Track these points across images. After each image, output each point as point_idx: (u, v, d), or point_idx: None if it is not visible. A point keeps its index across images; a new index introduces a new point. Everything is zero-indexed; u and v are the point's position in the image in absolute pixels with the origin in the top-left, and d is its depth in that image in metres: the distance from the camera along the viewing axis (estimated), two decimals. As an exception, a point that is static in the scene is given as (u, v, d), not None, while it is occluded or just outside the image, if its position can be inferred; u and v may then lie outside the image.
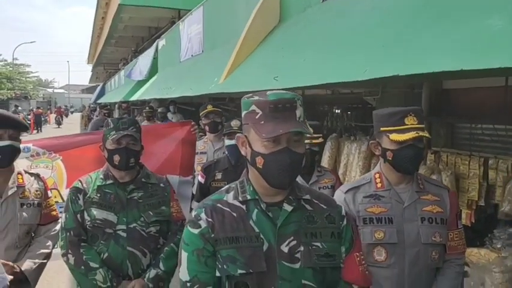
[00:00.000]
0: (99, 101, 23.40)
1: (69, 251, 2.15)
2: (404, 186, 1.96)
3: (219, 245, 1.35)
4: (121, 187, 2.25)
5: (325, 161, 4.68)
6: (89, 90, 55.42)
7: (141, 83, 11.12)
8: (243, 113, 1.37)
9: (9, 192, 2.30)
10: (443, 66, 1.38)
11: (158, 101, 8.63)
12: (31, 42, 65.86)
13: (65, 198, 2.40)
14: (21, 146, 2.46)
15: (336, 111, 6.70)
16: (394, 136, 1.85)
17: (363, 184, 2.02)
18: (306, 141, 2.67)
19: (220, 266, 1.34)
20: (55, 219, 2.47)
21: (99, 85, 31.29)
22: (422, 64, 1.52)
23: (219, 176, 3.05)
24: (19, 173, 2.37)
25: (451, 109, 3.63)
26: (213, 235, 1.36)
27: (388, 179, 1.97)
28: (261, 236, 1.35)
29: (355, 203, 1.96)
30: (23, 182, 2.36)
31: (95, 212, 2.18)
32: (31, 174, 2.44)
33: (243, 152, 1.40)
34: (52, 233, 2.42)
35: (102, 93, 25.16)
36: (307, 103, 3.04)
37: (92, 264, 2.12)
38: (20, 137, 2.32)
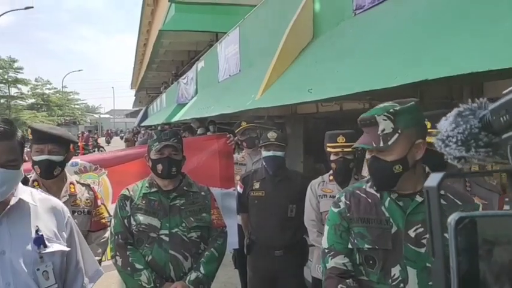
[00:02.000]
0: (142, 124, 24.15)
1: (117, 254, 2.29)
2: None
3: (353, 223, 1.67)
4: (164, 194, 2.38)
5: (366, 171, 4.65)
6: (133, 114, 57.25)
7: (181, 105, 11.44)
8: None
9: (62, 200, 2.44)
10: (470, 67, 1.41)
11: (198, 121, 8.84)
12: (79, 70, 69.24)
13: (112, 213, 2.54)
14: (70, 161, 2.63)
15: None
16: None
17: None
18: (338, 149, 2.73)
19: (352, 240, 1.66)
20: (104, 227, 2.60)
21: (142, 109, 32.30)
22: (449, 67, 1.54)
23: (256, 185, 3.14)
24: (71, 183, 2.52)
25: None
26: (348, 214, 1.69)
27: None
28: (391, 220, 1.60)
29: None
30: (74, 191, 2.50)
31: (140, 217, 2.31)
32: (82, 184, 2.59)
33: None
34: (102, 240, 2.55)
35: (145, 117, 25.95)
36: (345, 118, 3.07)
37: (137, 266, 2.25)
38: (67, 150, 2.44)
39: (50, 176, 2.41)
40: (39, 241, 1.53)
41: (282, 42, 3.89)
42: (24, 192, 1.59)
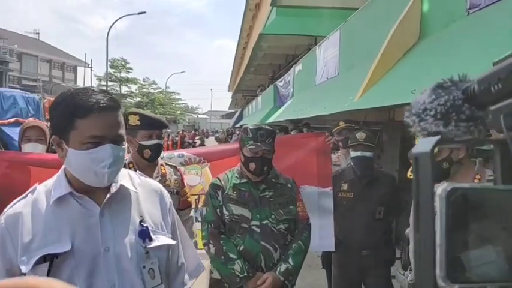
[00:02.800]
0: (237, 126, 24.87)
1: (210, 242, 2.37)
2: None
3: None
4: (254, 186, 2.44)
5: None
6: (228, 115, 59.21)
7: (276, 107, 11.60)
8: None
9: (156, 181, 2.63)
10: None
11: (293, 123, 8.90)
12: (181, 72, 72.95)
13: None
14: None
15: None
16: None
17: None
18: None
19: None
20: (189, 206, 2.78)
21: (237, 111, 33.29)
22: None
23: (344, 186, 3.12)
24: (161, 165, 2.68)
25: None
26: None
27: None
28: None
29: None
30: (165, 172, 2.66)
31: (232, 207, 2.38)
32: (170, 166, 2.74)
33: None
34: (186, 218, 2.68)
35: (240, 118, 26.70)
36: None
37: (231, 255, 2.31)
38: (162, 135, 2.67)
39: (156, 159, 2.60)
40: (145, 234, 1.33)
41: (385, 43, 3.78)
42: (123, 178, 1.37)
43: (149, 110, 44.95)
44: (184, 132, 34.05)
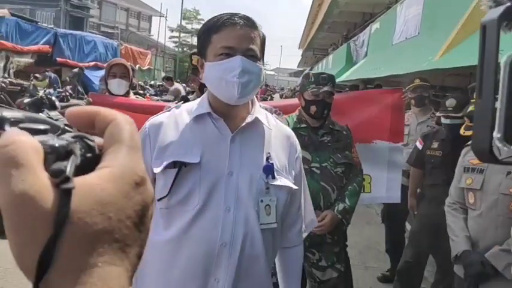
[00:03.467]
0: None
1: None
2: None
3: None
4: (313, 131, 2.53)
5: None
6: (296, 74, 58.53)
7: (348, 66, 11.37)
8: None
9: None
10: None
11: (364, 83, 8.72)
12: (252, 26, 72.13)
13: None
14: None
15: None
16: None
17: None
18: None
19: None
20: None
21: (306, 69, 32.87)
22: None
23: (435, 145, 3.14)
24: None
25: None
26: None
27: None
28: None
29: (466, 156, 2.39)
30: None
31: None
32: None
33: None
34: None
35: (308, 77, 26.35)
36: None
37: None
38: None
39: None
40: (269, 170, 1.34)
41: (473, 3, 3.59)
42: (260, 113, 1.40)
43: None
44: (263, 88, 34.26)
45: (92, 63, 14.51)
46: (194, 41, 44.84)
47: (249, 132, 1.36)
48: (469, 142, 2.31)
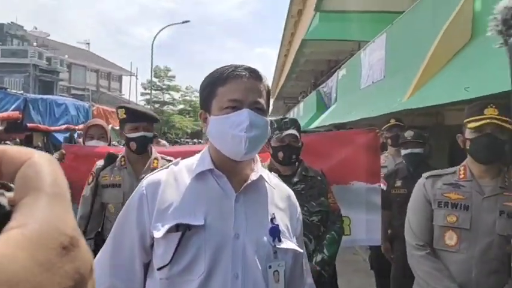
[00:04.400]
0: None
1: None
2: (488, 180, 1.93)
3: None
4: (285, 180, 2.47)
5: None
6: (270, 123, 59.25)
7: (319, 112, 11.60)
8: None
9: (144, 174, 2.62)
10: None
11: (336, 127, 8.89)
12: (222, 80, 73.75)
13: None
14: None
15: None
16: (471, 124, 1.88)
17: (445, 174, 2.04)
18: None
19: None
20: None
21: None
22: None
23: (398, 183, 3.16)
24: (155, 158, 2.67)
25: None
26: None
27: (472, 171, 1.96)
28: None
29: (434, 188, 2.02)
30: (156, 165, 2.62)
31: None
32: (167, 160, 2.67)
33: None
34: None
35: (281, 125, 26.71)
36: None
37: None
38: (153, 128, 2.66)
39: (144, 151, 2.61)
40: (276, 232, 1.26)
41: (435, 43, 3.76)
42: (262, 170, 1.34)
43: (192, 118, 45.96)
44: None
45: (64, 126, 14.37)
46: (166, 97, 45.30)
47: (253, 191, 1.29)
48: (433, 172, 2.11)
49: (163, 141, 11.70)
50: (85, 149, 3.11)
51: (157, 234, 1.19)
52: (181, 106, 47.85)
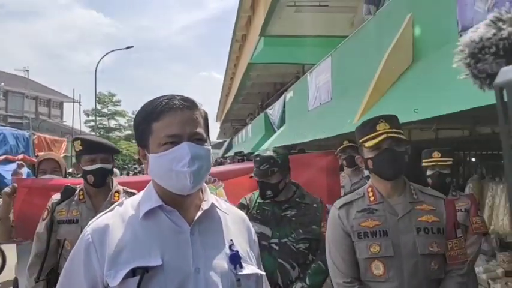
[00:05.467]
0: (226, 155, 24.92)
1: None
2: (397, 197, 1.91)
3: None
4: (277, 205, 2.48)
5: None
6: (217, 146, 59.00)
7: (267, 135, 11.73)
8: None
9: (104, 209, 2.49)
10: None
11: (287, 148, 9.00)
12: (168, 104, 72.95)
13: None
14: None
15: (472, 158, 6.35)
16: (368, 143, 1.87)
17: (356, 199, 1.98)
18: (433, 163, 2.89)
19: None
20: None
21: (226, 140, 33.37)
22: None
23: None
24: (117, 191, 2.54)
25: None
26: None
27: (380, 191, 1.93)
28: None
29: (349, 219, 1.93)
30: (118, 199, 2.46)
31: (255, 226, 2.39)
32: (128, 192, 2.57)
33: None
34: None
35: (229, 148, 26.76)
36: (441, 146, 3.02)
37: None
38: (112, 159, 2.52)
39: (102, 184, 2.47)
40: (236, 259, 1.22)
41: (380, 67, 3.93)
42: (212, 197, 1.30)
43: (138, 143, 44.95)
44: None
45: (2, 157, 13.62)
46: (111, 123, 44.17)
47: (207, 221, 1.24)
48: (343, 200, 2.03)
49: (115, 169, 11.29)
50: (39, 182, 2.91)
51: (113, 282, 1.10)
52: (128, 132, 46.84)
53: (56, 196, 2.53)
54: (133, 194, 2.56)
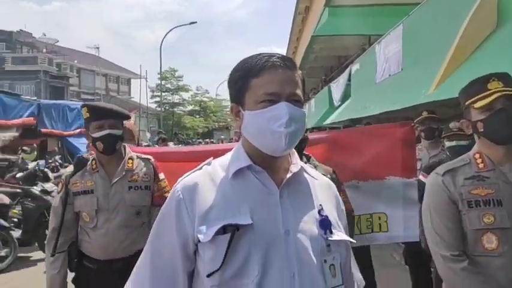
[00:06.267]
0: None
1: None
2: (509, 165, 1.70)
3: None
4: None
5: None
6: (278, 121, 59.25)
7: (332, 108, 11.52)
8: None
9: (118, 177, 2.44)
10: None
11: (352, 122, 8.82)
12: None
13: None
14: None
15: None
16: (479, 103, 1.68)
17: (461, 165, 1.79)
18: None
19: None
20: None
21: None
22: None
23: None
24: (130, 158, 2.50)
25: None
26: None
27: (490, 157, 1.73)
28: None
29: (456, 185, 1.74)
30: (132, 166, 2.48)
31: None
32: (142, 159, 2.54)
33: None
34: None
35: (291, 122, 26.59)
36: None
37: None
38: (122, 125, 2.47)
39: (113, 150, 2.42)
40: (326, 224, 1.19)
41: (459, 33, 3.69)
42: (301, 162, 1.28)
43: (202, 118, 46.06)
44: (236, 138, 34.54)
45: (77, 131, 14.48)
46: (175, 98, 45.43)
47: (295, 185, 1.22)
48: (446, 166, 1.85)
49: (170, 143, 11.64)
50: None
51: (204, 238, 1.11)
52: (191, 107, 47.97)
53: (69, 168, 2.51)
54: (148, 159, 2.58)
